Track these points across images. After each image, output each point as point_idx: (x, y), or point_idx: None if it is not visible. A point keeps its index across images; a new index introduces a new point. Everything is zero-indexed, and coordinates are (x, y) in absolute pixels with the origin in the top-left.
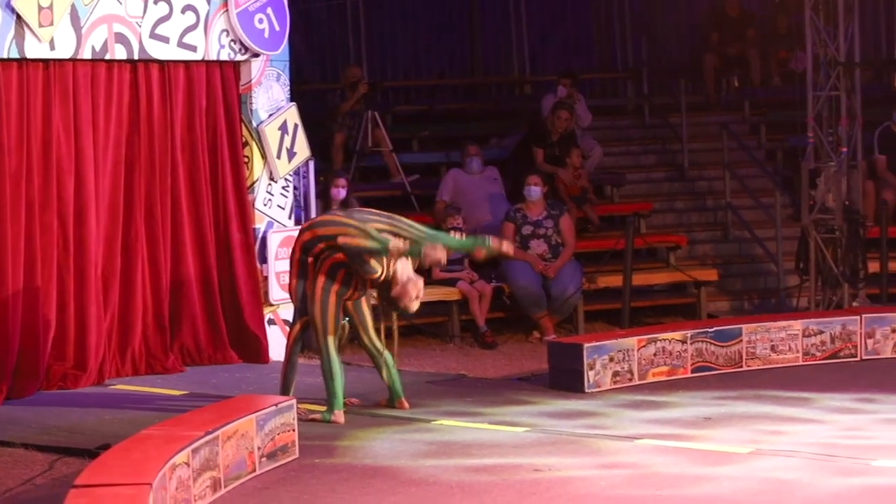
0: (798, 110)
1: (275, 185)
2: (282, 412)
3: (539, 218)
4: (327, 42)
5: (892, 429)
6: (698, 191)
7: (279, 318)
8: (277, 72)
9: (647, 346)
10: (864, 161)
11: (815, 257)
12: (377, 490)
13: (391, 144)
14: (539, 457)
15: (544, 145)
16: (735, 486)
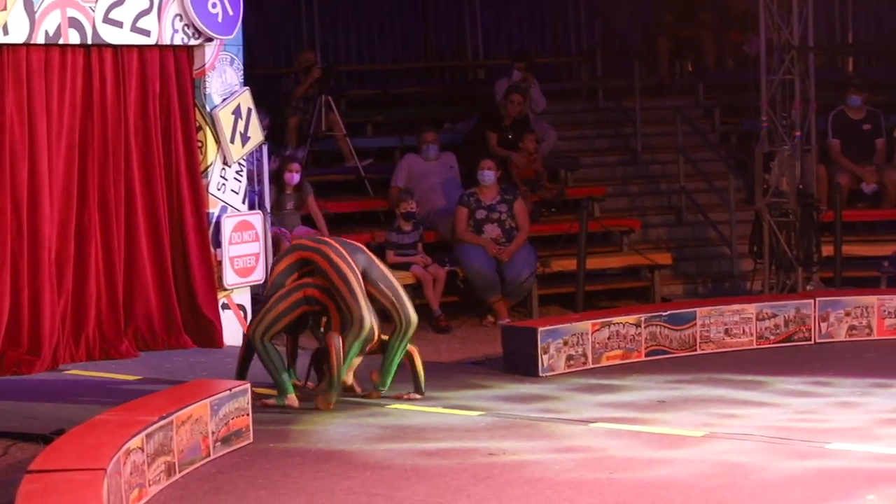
0: (752, 94)
1: (228, 170)
2: (236, 397)
3: (493, 202)
4: (281, 26)
5: (846, 412)
6: (652, 175)
7: (233, 303)
8: (231, 56)
9: (601, 330)
10: (817, 145)
11: (768, 241)
12: (331, 474)
13: (345, 129)
14: (493, 441)
15: (498, 129)
16: (689, 470)
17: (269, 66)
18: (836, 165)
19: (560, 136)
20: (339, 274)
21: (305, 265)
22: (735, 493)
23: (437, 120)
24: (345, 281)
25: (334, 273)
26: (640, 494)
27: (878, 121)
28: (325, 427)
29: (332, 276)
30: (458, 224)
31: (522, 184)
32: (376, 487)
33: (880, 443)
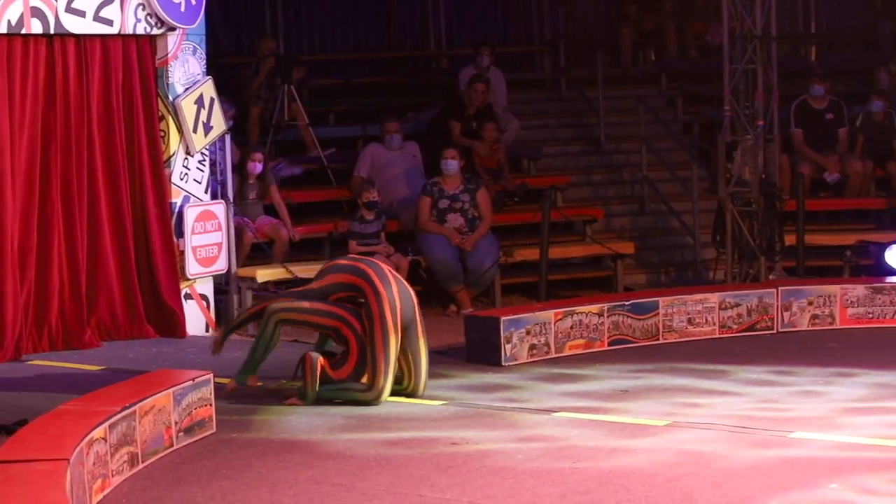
0: (715, 83)
1: (191, 160)
2: (199, 387)
3: (456, 192)
4: (244, 15)
5: (809, 401)
6: (615, 164)
7: (196, 293)
8: (194, 45)
9: (564, 320)
10: (780, 134)
11: (731, 230)
12: (294, 464)
13: (307, 118)
14: (456, 430)
15: (461, 119)
16: (652, 459)
17: (232, 56)
18: (799, 155)
19: (523, 126)
20: (384, 336)
21: (356, 291)
22: (698, 482)
23: (401, 109)
24: (385, 347)
25: (379, 332)
26: (602, 484)
27: (841, 110)
28: (287, 417)
29: (376, 334)
30: (420, 213)
31: (485, 173)
32: (339, 477)
33: (842, 432)
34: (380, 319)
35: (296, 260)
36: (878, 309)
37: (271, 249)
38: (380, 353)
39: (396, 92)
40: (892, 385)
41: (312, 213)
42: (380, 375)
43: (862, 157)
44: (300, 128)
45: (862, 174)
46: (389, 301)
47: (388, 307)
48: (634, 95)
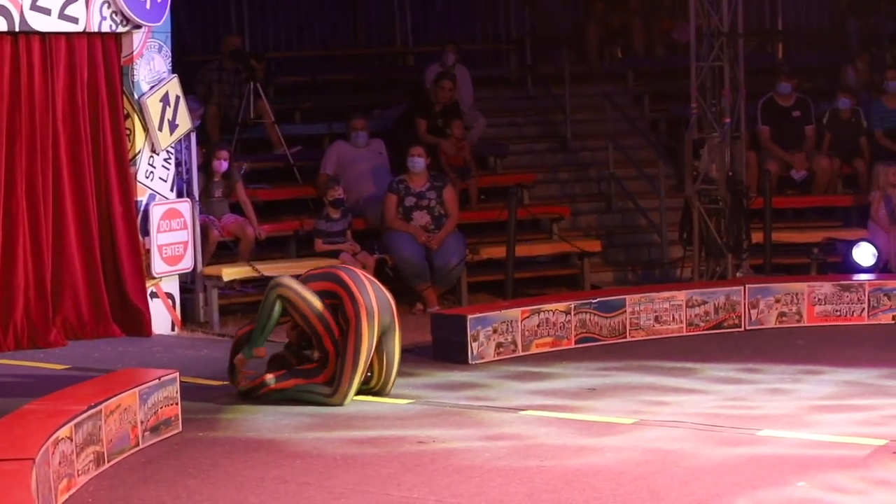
0: (681, 80)
1: (157, 158)
2: (165, 386)
3: (422, 189)
4: (209, 13)
5: (776, 398)
6: (581, 161)
7: (161, 292)
8: (159, 43)
9: (531, 318)
10: (747, 132)
11: (698, 228)
12: (261, 463)
13: (273, 116)
14: (423, 429)
15: (427, 116)
16: (619, 457)
17: (197, 53)
18: (766, 152)
19: (489, 123)
20: (356, 343)
21: (335, 298)
22: (666, 480)
23: (367, 107)
24: (356, 355)
25: (353, 339)
26: (569, 482)
27: (808, 107)
28: (254, 416)
29: (350, 341)
30: (386, 211)
31: (451, 171)
32: (306, 476)
33: (810, 429)
34: (355, 327)
35: (262, 258)
36: (845, 306)
37: (237, 248)
38: (349, 360)
39: (362, 89)
40: (860, 382)
41: (278, 211)
42: (345, 382)
43: (829, 155)
44: (266, 126)
45: (829, 171)
46: (367, 308)
47: (365, 314)
48: (601, 93)
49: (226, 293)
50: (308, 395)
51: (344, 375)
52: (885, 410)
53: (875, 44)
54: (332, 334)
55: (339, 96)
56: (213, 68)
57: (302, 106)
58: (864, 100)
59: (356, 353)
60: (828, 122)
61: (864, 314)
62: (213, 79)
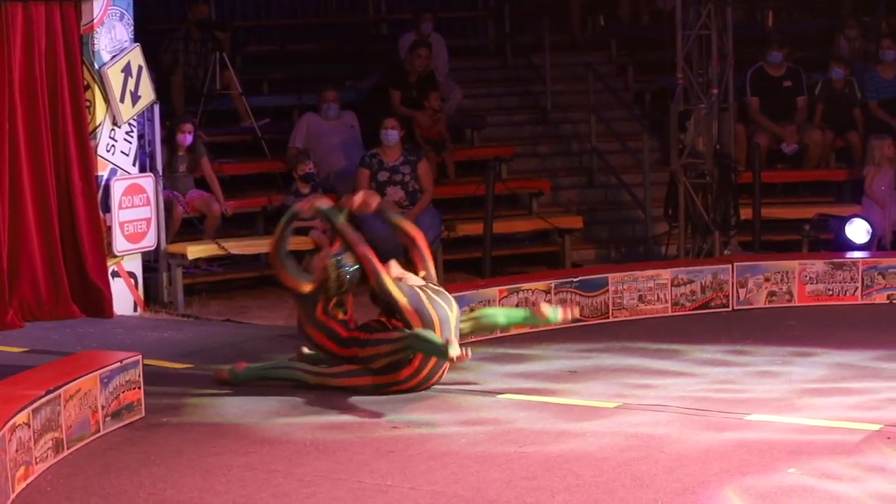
0: (667, 50)
1: (118, 131)
2: (127, 369)
3: (395, 163)
4: None
5: (766, 382)
6: (562, 134)
7: (123, 270)
8: (121, 11)
9: (510, 297)
10: (735, 103)
11: (684, 204)
12: (227, 450)
13: (241, 87)
14: (397, 413)
15: (401, 87)
16: (601, 443)
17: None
18: (755, 124)
19: (466, 95)
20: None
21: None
22: (650, 466)
23: (338, 77)
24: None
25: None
26: (549, 468)
27: (799, 77)
28: (219, 400)
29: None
30: (359, 186)
31: (426, 144)
32: (275, 463)
33: (801, 414)
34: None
35: (228, 235)
36: (837, 286)
37: (202, 224)
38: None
39: (333, 59)
40: (853, 365)
41: (245, 187)
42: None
43: (821, 127)
44: (233, 97)
45: (821, 145)
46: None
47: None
48: (583, 63)
49: (190, 272)
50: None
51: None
52: (879, 394)
53: (869, 11)
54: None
55: (309, 66)
56: (179, 37)
57: (270, 76)
58: (858, 70)
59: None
60: (820, 93)
61: (858, 293)
62: (179, 48)
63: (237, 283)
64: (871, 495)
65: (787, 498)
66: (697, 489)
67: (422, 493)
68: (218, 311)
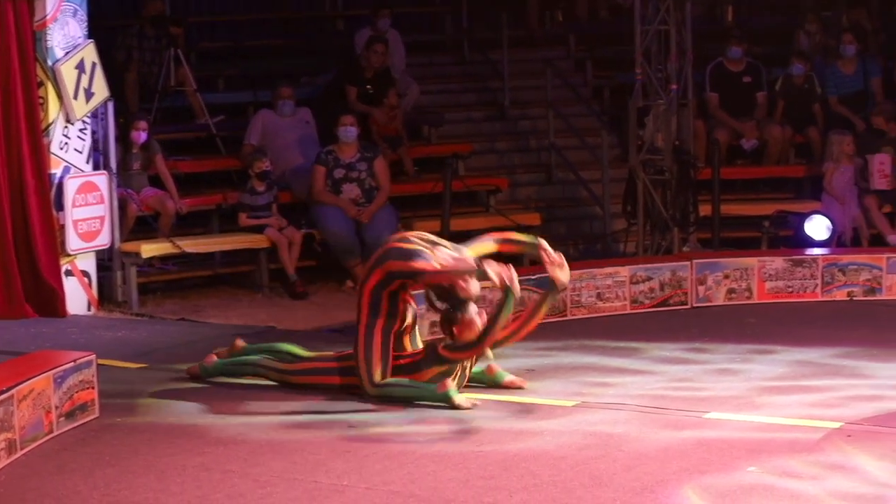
0: (626, 45)
1: (71, 128)
2: (80, 369)
3: (352, 160)
4: None
5: (725, 379)
6: (520, 131)
7: (77, 270)
8: (74, 7)
9: None
10: (695, 99)
11: (643, 200)
12: (183, 450)
13: (195, 83)
14: (353, 413)
15: (358, 83)
16: (559, 441)
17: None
18: (715, 120)
19: (423, 91)
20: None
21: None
22: (608, 465)
23: (294, 74)
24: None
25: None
26: (507, 468)
27: (759, 73)
28: (175, 400)
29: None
30: (314, 184)
31: (383, 141)
32: (231, 463)
33: (760, 412)
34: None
35: (183, 233)
36: (797, 283)
37: (157, 223)
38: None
39: (289, 55)
40: (813, 362)
41: (200, 184)
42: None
43: (781, 123)
44: (188, 94)
45: (781, 140)
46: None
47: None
48: (541, 58)
49: (145, 271)
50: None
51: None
52: (840, 392)
53: (829, 6)
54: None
55: (264, 63)
56: (133, 34)
57: (225, 73)
58: (818, 65)
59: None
60: (780, 89)
61: (818, 290)
62: (133, 45)
63: (192, 281)
64: (831, 494)
65: (747, 496)
66: (656, 488)
67: (378, 493)
68: (172, 309)
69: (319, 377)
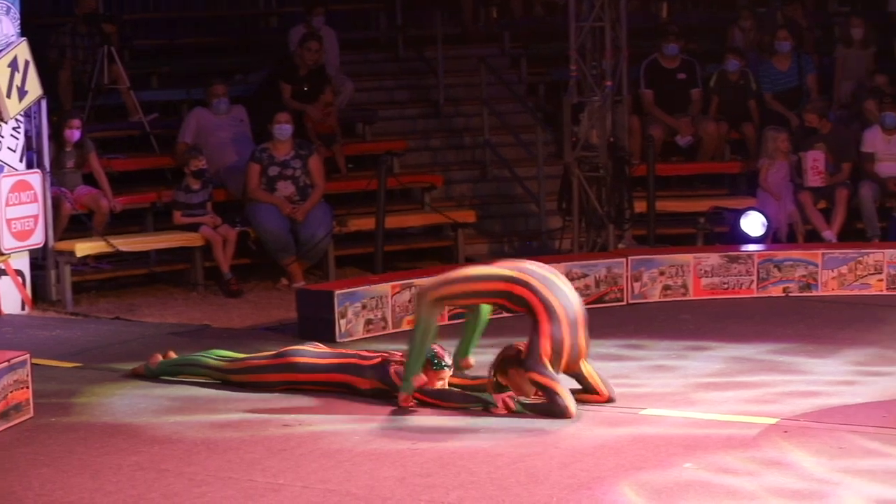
0: (560, 42)
1: (5, 127)
2: (14, 369)
3: (286, 158)
4: None
5: (661, 376)
6: (455, 128)
7: (10, 269)
8: (7, 5)
9: (402, 293)
10: (629, 95)
11: (578, 197)
12: (118, 449)
13: (129, 81)
14: (289, 412)
15: (292, 81)
16: (496, 438)
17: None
18: (650, 117)
19: (358, 88)
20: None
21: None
22: (544, 462)
23: (227, 71)
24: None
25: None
26: (444, 465)
27: (694, 70)
28: (109, 399)
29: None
30: (249, 182)
31: (318, 139)
32: (166, 462)
33: (696, 408)
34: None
35: (117, 232)
36: (733, 279)
37: (91, 221)
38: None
39: (223, 53)
40: (749, 359)
41: (134, 183)
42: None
43: (716, 119)
44: (121, 92)
45: (716, 137)
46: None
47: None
48: (476, 55)
49: (79, 270)
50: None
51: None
52: (775, 387)
53: (764, 3)
54: (516, 281)
55: (198, 60)
56: (66, 32)
57: (159, 71)
58: (753, 61)
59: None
60: (715, 85)
61: (753, 286)
62: (66, 43)
63: (126, 280)
64: (767, 489)
65: (684, 493)
66: (592, 484)
67: (314, 492)
68: (107, 308)
69: (259, 375)
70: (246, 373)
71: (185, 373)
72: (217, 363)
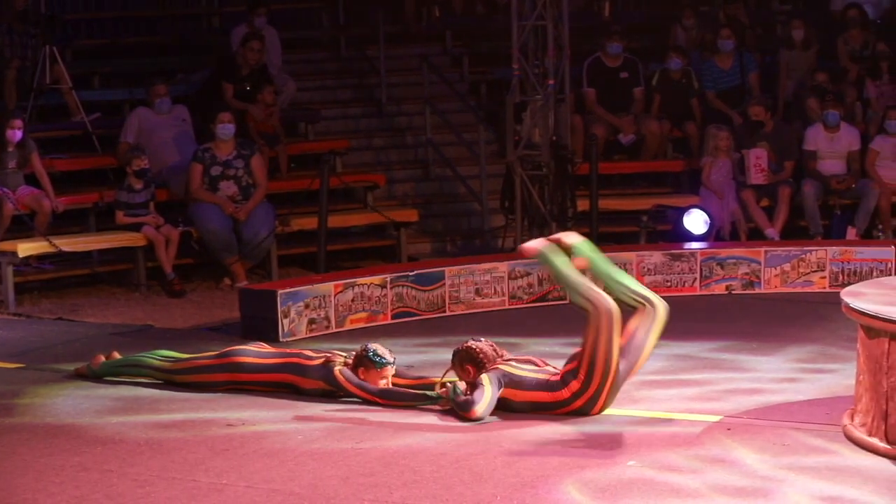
0: (503, 41)
1: None
2: None
3: (229, 158)
4: None
5: None
6: (397, 127)
7: None
8: None
9: (345, 292)
10: (572, 94)
11: (521, 195)
12: (61, 450)
13: (71, 81)
14: (232, 411)
15: (234, 80)
16: (439, 438)
17: None
18: (592, 115)
19: (300, 87)
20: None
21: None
22: (488, 461)
23: (169, 71)
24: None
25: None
26: (388, 464)
27: (636, 69)
28: (52, 400)
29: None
30: (191, 181)
31: (260, 138)
32: (109, 463)
33: (640, 406)
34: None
35: (59, 232)
36: (676, 276)
37: (33, 221)
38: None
39: (165, 53)
40: (692, 356)
41: (76, 183)
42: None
43: (658, 118)
44: (63, 91)
45: (658, 135)
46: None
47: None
48: (418, 54)
49: (21, 270)
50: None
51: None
52: (719, 385)
53: (707, 1)
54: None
55: (139, 60)
56: (3, 31)
57: (101, 70)
58: (695, 60)
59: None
60: (657, 84)
61: (697, 284)
62: (5, 42)
63: (69, 280)
64: (711, 487)
65: (627, 490)
66: (536, 483)
67: (258, 492)
68: (49, 308)
69: (203, 375)
70: (189, 373)
71: (129, 373)
72: (160, 363)
